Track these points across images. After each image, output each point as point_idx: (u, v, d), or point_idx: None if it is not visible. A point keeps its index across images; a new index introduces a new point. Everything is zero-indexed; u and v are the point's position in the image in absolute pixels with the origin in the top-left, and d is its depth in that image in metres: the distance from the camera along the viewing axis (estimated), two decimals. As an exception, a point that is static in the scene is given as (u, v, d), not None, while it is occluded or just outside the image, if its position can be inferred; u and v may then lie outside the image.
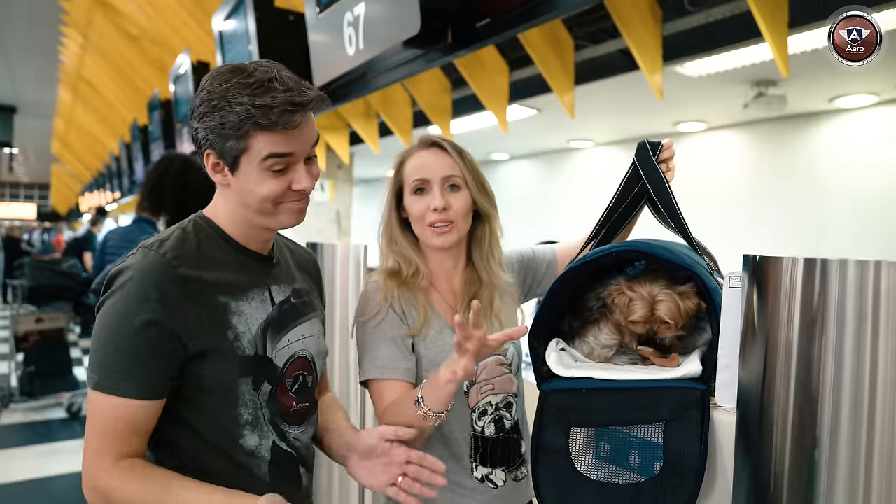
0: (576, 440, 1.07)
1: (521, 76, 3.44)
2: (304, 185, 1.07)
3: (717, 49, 2.96)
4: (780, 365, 0.81)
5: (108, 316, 1.01)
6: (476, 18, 2.13)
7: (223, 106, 1.01)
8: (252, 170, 1.04)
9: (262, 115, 1.00)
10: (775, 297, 0.82)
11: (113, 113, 8.96)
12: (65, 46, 8.15)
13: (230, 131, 1.01)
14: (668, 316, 1.02)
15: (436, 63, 2.46)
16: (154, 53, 6.30)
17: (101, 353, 1.01)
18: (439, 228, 1.28)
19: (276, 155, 1.03)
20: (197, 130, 1.07)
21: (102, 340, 1.01)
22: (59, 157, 16.32)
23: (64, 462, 4.31)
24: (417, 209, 1.29)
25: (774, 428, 0.82)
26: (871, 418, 0.75)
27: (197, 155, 1.11)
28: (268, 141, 1.02)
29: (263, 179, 1.04)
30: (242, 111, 1.00)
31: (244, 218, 1.10)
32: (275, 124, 1.00)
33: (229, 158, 1.04)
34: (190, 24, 4.98)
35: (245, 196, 1.07)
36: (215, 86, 1.04)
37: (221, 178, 1.08)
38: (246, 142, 1.02)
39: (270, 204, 1.06)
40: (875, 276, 0.74)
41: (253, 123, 1.00)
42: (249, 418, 1.08)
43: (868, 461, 0.75)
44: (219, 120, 1.02)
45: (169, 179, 2.37)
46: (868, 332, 0.75)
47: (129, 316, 0.99)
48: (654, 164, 1.15)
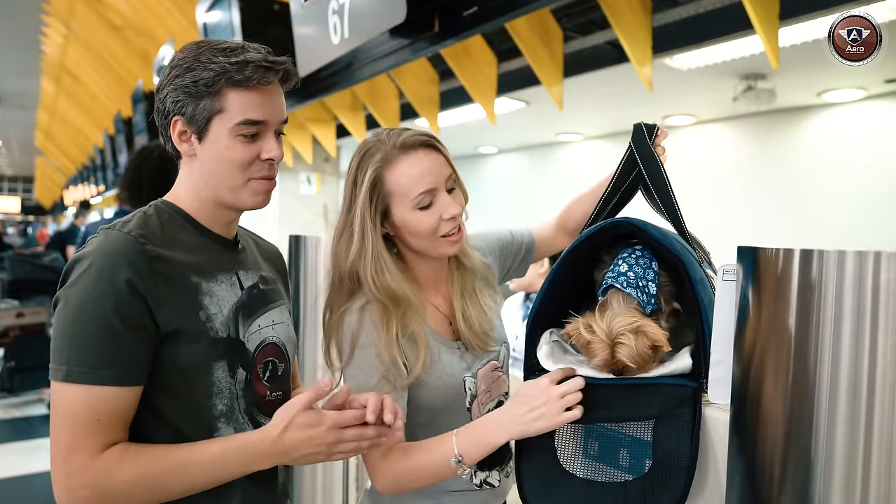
0: (562, 437, 1.04)
1: (510, 68, 3.41)
2: (273, 154, 1.04)
3: (707, 41, 2.94)
4: (775, 360, 0.79)
5: (73, 303, 0.94)
6: (463, 7, 2.09)
7: (195, 66, 1.00)
8: (222, 135, 1.02)
9: (238, 69, 0.99)
10: (770, 290, 0.79)
11: (97, 105, 8.84)
12: (47, 37, 8.03)
13: (203, 88, 1.00)
14: (629, 360, 0.96)
15: (422, 53, 2.43)
16: (138, 44, 6.21)
17: (68, 341, 0.93)
18: (454, 236, 1.15)
19: (249, 122, 1.01)
20: (164, 99, 1.04)
21: (68, 329, 0.94)
22: (43, 150, 16.12)
23: (44, 459, 4.20)
24: (429, 224, 1.12)
25: (769, 425, 0.79)
26: (868, 416, 0.72)
27: (161, 130, 1.08)
28: (242, 103, 1.01)
29: (233, 145, 1.02)
30: (217, 67, 0.99)
31: (208, 196, 1.06)
32: (249, 79, 0.99)
33: (200, 121, 1.02)
34: (174, 14, 4.91)
35: (212, 165, 1.04)
36: (186, 52, 1.03)
37: (187, 148, 1.05)
38: (220, 101, 1.00)
39: (239, 173, 1.03)
40: (875, 267, 0.72)
41: (227, 79, 0.99)
42: (224, 409, 1.03)
43: (866, 459, 0.73)
44: (191, 79, 1.00)
45: (148, 170, 2.32)
46: (867, 325, 0.72)
47: (98, 298, 0.93)
48: (651, 148, 1.11)
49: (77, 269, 0.96)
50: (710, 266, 1.11)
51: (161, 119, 1.07)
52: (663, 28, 2.71)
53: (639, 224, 1.02)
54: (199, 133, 1.03)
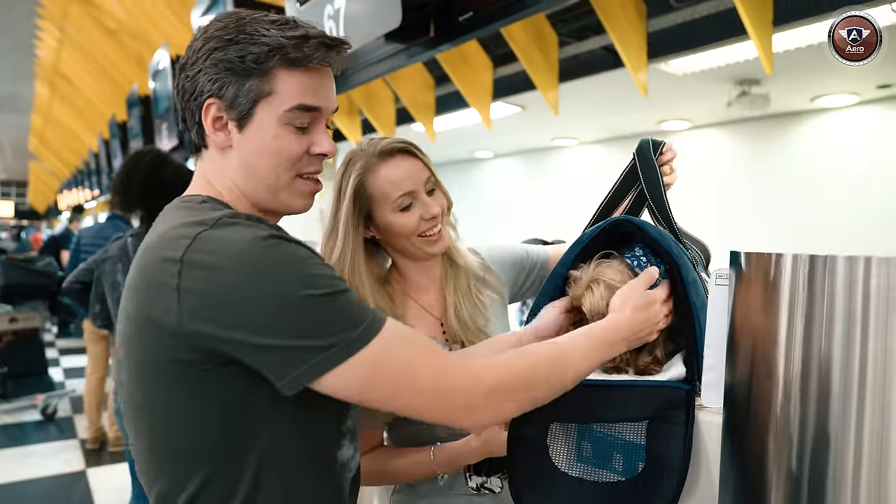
0: (555, 437, 1.05)
1: (505, 73, 3.42)
2: (326, 148, 0.91)
3: (701, 46, 2.96)
4: (767, 364, 0.79)
5: (273, 285, 0.77)
6: (459, 12, 2.10)
7: (241, 39, 0.85)
8: (270, 122, 0.87)
9: (295, 46, 0.84)
10: (762, 295, 0.79)
11: (91, 109, 8.81)
12: (41, 40, 8.00)
13: (253, 65, 0.84)
14: (587, 311, 1.01)
15: (418, 58, 2.43)
16: (133, 48, 6.19)
17: (315, 312, 0.77)
18: (434, 235, 1.22)
19: (304, 107, 0.87)
20: (195, 77, 0.87)
21: (300, 304, 0.77)
22: (37, 154, 16.06)
23: (36, 466, 4.22)
24: (409, 223, 1.19)
25: (761, 429, 0.80)
26: (859, 419, 0.72)
27: (183, 115, 0.92)
28: (297, 85, 0.86)
29: (283, 135, 0.87)
30: (270, 41, 0.84)
31: (247, 194, 0.91)
32: (309, 58, 0.85)
33: (243, 105, 0.86)
34: (169, 18, 4.90)
35: (253, 159, 0.89)
36: (225, 22, 0.87)
37: (223, 138, 0.89)
38: (270, 82, 0.85)
39: (285, 169, 0.89)
40: (865, 272, 0.72)
41: (283, 56, 0.84)
42: (351, 425, 0.97)
43: (856, 463, 0.73)
44: (237, 53, 0.84)
45: (139, 174, 2.30)
46: (857, 330, 0.72)
47: (301, 263, 0.80)
48: (653, 163, 1.13)
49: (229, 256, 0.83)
50: (704, 269, 1.11)
51: (186, 101, 0.90)
52: (658, 33, 2.73)
53: (638, 223, 1.05)
54: (239, 119, 0.87)
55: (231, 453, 0.83)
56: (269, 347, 0.77)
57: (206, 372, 0.80)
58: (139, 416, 0.87)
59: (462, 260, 1.31)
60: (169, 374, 0.82)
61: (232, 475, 0.83)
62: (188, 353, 0.80)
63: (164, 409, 0.84)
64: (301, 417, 0.86)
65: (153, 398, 0.85)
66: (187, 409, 0.82)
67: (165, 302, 0.79)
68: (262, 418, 0.84)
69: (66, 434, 4.88)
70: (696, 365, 0.95)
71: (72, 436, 4.83)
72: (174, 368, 0.81)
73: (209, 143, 0.91)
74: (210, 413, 0.82)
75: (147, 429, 0.87)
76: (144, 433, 0.87)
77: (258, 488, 0.84)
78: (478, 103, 3.29)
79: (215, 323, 0.77)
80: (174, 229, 0.83)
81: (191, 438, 0.83)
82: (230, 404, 0.82)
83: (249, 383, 0.81)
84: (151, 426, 0.86)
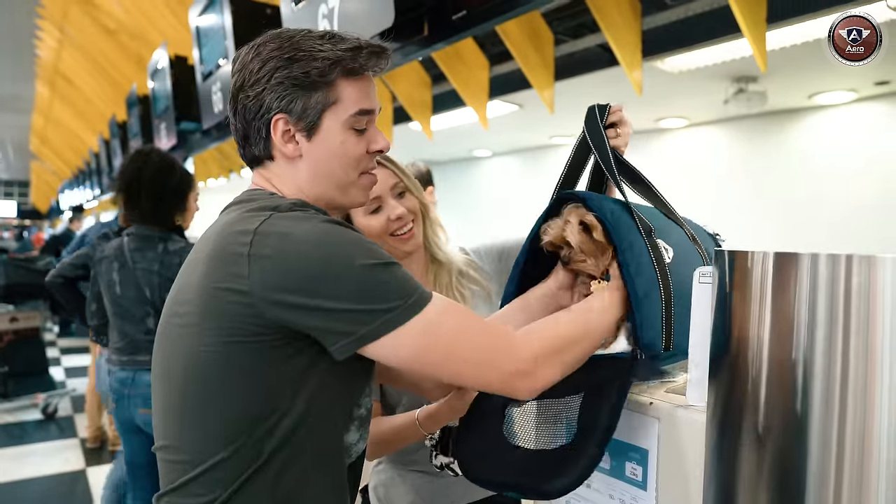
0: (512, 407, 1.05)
1: (502, 71, 3.42)
2: (381, 145, 1.00)
3: (697, 44, 2.96)
4: (750, 362, 0.79)
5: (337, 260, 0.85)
6: (452, 11, 2.10)
7: (301, 56, 0.93)
8: (336, 129, 0.96)
9: (352, 58, 0.93)
10: (746, 293, 0.80)
11: (91, 108, 8.82)
12: (41, 41, 8.01)
13: (318, 79, 0.93)
14: (551, 236, 1.03)
15: (413, 56, 2.43)
16: (132, 48, 6.20)
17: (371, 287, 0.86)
18: (404, 235, 1.34)
19: (364, 111, 0.96)
20: (260, 96, 0.95)
21: (359, 278, 0.85)
22: (38, 154, 16.08)
23: (37, 465, 4.23)
24: (377, 225, 1.32)
25: (745, 427, 0.80)
26: (841, 418, 0.73)
27: (248, 133, 0.99)
28: (357, 92, 0.95)
29: (348, 139, 0.97)
30: (329, 55, 0.93)
31: (315, 195, 0.99)
32: (363, 67, 0.95)
33: (312, 117, 0.95)
34: (168, 18, 4.90)
35: (324, 164, 0.97)
36: (279, 43, 0.95)
37: (293, 149, 0.97)
38: (335, 93, 0.94)
39: (353, 169, 0.98)
40: (846, 270, 0.72)
41: (342, 68, 0.93)
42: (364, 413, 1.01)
43: (839, 461, 0.73)
44: (300, 69, 0.93)
45: (149, 173, 2.31)
46: (839, 328, 0.73)
47: (356, 244, 0.88)
48: (599, 129, 1.12)
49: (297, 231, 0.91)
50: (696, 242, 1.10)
51: (251, 120, 0.97)
52: (653, 31, 2.73)
53: (581, 194, 1.05)
54: (309, 130, 0.96)
55: (256, 427, 0.88)
56: (334, 311, 0.84)
57: (262, 344, 0.86)
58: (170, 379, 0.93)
59: (443, 255, 1.42)
60: (217, 343, 0.87)
61: (252, 448, 0.88)
62: (251, 323, 0.85)
63: (198, 379, 0.89)
64: (318, 399, 0.91)
65: (191, 370, 0.89)
66: (224, 384, 0.88)
67: (237, 269, 0.86)
68: (283, 399, 0.89)
69: (66, 433, 4.90)
70: (633, 334, 0.97)
71: (72, 435, 4.85)
72: (233, 339, 0.86)
73: (276, 154, 0.99)
74: (251, 386, 0.88)
75: (178, 392, 0.91)
76: (174, 395, 0.92)
77: (269, 462, 0.89)
78: (474, 102, 3.29)
79: (282, 288, 0.84)
80: (249, 212, 0.92)
81: (222, 409, 0.89)
82: (273, 379, 0.88)
83: (286, 366, 0.88)
84: (184, 391, 0.91)
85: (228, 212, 0.97)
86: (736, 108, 4.54)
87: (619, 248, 0.97)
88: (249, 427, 0.88)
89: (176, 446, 0.92)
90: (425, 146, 4.86)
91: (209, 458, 0.88)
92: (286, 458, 0.90)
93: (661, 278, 0.98)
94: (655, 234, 1.02)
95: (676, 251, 1.03)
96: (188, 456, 0.90)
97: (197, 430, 0.90)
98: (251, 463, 0.88)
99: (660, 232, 1.03)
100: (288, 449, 0.90)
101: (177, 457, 0.92)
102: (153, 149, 2.47)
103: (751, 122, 5.62)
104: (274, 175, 1.00)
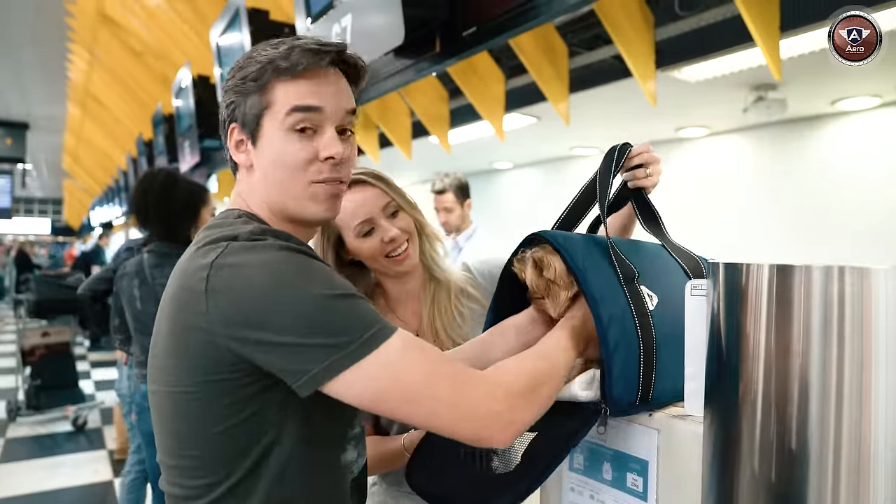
0: None
1: (518, 84, 3.44)
2: (332, 151, 0.91)
3: (710, 54, 2.95)
4: (745, 373, 0.79)
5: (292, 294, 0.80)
6: (463, 27, 2.13)
7: (245, 63, 0.93)
8: (275, 132, 0.91)
9: (283, 57, 0.89)
10: (740, 305, 0.80)
11: (120, 128, 9.04)
12: (72, 63, 8.25)
13: (251, 83, 0.91)
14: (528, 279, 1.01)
15: (425, 72, 2.46)
16: (157, 68, 6.36)
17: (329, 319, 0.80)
18: (399, 256, 1.29)
19: (300, 108, 0.90)
20: (223, 107, 0.96)
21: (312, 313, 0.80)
22: (70, 173, 16.49)
23: (67, 476, 4.32)
24: (370, 248, 1.28)
25: (742, 439, 0.80)
26: (837, 429, 0.73)
27: (223, 141, 0.99)
28: (291, 92, 0.90)
29: (288, 141, 0.91)
30: (263, 60, 0.91)
31: (274, 207, 0.95)
32: (296, 65, 0.89)
33: (251, 123, 0.92)
34: (191, 38, 5.02)
35: (270, 172, 0.92)
36: (243, 54, 0.97)
37: (245, 158, 0.95)
38: (267, 95, 0.91)
39: (298, 177, 0.91)
40: (839, 281, 0.73)
41: (274, 69, 0.90)
42: (359, 431, 1.00)
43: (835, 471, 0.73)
44: (240, 76, 0.92)
45: (153, 194, 2.39)
46: (834, 339, 0.73)
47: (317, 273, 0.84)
48: (609, 170, 1.10)
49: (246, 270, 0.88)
50: None
51: (221, 131, 0.99)
52: (666, 42, 2.73)
53: (545, 235, 1.00)
54: (252, 136, 0.93)
55: (241, 459, 0.87)
56: (285, 346, 0.79)
57: (235, 381, 0.83)
58: (162, 421, 0.92)
59: (441, 274, 1.37)
60: (194, 384, 0.85)
61: (238, 479, 0.87)
62: (217, 360, 0.82)
63: (185, 417, 0.88)
64: (308, 424, 0.89)
65: (175, 406, 0.88)
66: (209, 418, 0.86)
67: (197, 306, 0.82)
68: (271, 426, 0.86)
69: (95, 445, 4.99)
70: (602, 380, 0.93)
71: (101, 446, 4.94)
72: (209, 377, 0.84)
73: (239, 165, 0.97)
74: (228, 422, 0.85)
75: (171, 434, 0.91)
76: (167, 437, 0.91)
77: (270, 494, 0.88)
78: (490, 115, 3.32)
79: (237, 324, 0.80)
80: (209, 242, 0.88)
81: (208, 447, 0.87)
82: (258, 413, 0.85)
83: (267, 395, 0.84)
84: (177, 433, 0.90)
85: (196, 241, 0.94)
86: (755, 116, 4.49)
87: (589, 299, 0.93)
88: (243, 460, 0.86)
89: (175, 482, 0.91)
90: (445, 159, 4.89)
91: (210, 493, 0.87)
92: (286, 485, 0.88)
93: (641, 328, 0.94)
94: (641, 279, 0.98)
95: (666, 296, 0.99)
96: (189, 492, 0.89)
97: (193, 469, 0.88)
98: (250, 493, 0.87)
99: (649, 276, 1.00)
100: (287, 476, 0.88)
101: (179, 492, 0.91)
102: (161, 169, 2.56)
103: (773, 129, 5.55)
104: (242, 187, 0.98)
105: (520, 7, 1.94)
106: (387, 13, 2.08)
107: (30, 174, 17.88)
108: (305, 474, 0.90)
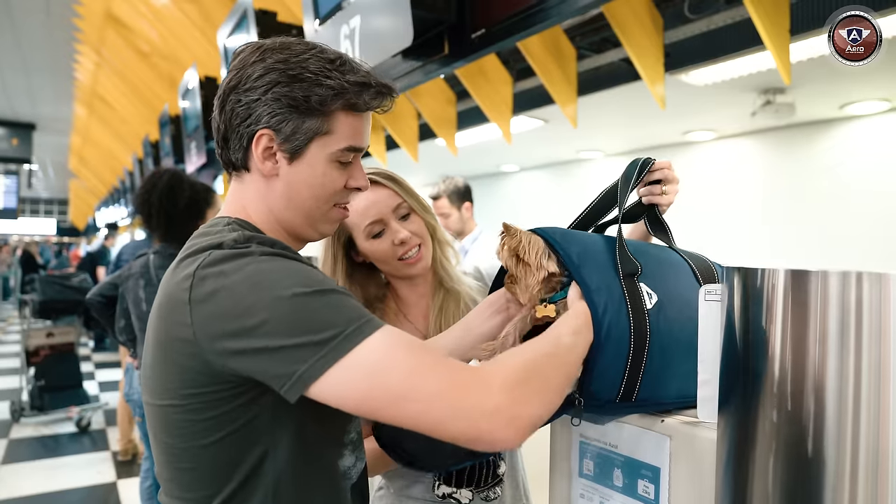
0: None
1: (526, 87, 3.43)
2: (360, 183, 0.96)
3: (720, 57, 2.93)
4: (760, 380, 0.78)
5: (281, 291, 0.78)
6: (472, 30, 2.12)
7: (307, 77, 0.88)
8: (320, 158, 0.91)
9: (357, 93, 0.89)
10: (756, 310, 0.79)
11: (126, 128, 9.08)
12: (80, 63, 8.29)
13: (317, 106, 0.88)
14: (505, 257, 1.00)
15: (434, 75, 2.46)
16: (164, 69, 6.38)
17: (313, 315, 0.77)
18: (412, 258, 1.26)
19: (353, 149, 0.93)
20: (251, 105, 0.89)
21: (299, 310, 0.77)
22: (76, 173, 16.56)
23: (71, 477, 4.32)
24: (382, 250, 1.25)
25: (756, 444, 0.79)
26: (854, 434, 0.72)
27: (228, 136, 0.93)
28: (352, 128, 0.91)
29: (330, 172, 0.92)
30: (334, 85, 0.88)
31: (284, 220, 0.95)
32: (367, 105, 0.91)
33: (300, 141, 0.90)
34: (198, 39, 5.04)
35: (298, 190, 0.92)
36: (286, 56, 0.89)
37: (270, 168, 0.92)
38: (329, 123, 0.90)
39: (326, 202, 0.94)
40: (857, 287, 0.71)
41: (344, 101, 0.89)
42: (355, 436, 0.98)
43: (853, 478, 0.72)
44: (303, 92, 0.88)
45: (157, 195, 2.39)
46: (851, 345, 0.72)
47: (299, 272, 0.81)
48: (624, 182, 1.08)
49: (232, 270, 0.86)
50: None
51: (236, 125, 0.92)
52: (675, 45, 2.72)
53: (539, 231, 0.99)
54: (293, 153, 0.91)
55: (235, 471, 0.86)
56: (268, 350, 0.76)
57: (213, 393, 0.82)
58: (153, 434, 0.91)
59: (450, 284, 1.33)
60: (181, 396, 0.83)
61: (232, 491, 0.86)
62: (202, 373, 0.81)
63: (175, 431, 0.87)
64: (301, 431, 0.88)
65: (165, 420, 0.87)
66: (198, 431, 0.84)
67: (181, 317, 0.81)
68: (263, 436, 0.85)
69: (98, 446, 5.00)
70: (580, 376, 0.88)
71: (104, 447, 4.94)
72: (196, 390, 0.82)
73: (252, 167, 0.94)
74: (219, 434, 0.84)
75: (163, 448, 0.90)
76: (162, 449, 0.90)
77: (252, 501, 0.86)
78: (498, 118, 3.31)
79: (221, 334, 0.78)
80: (194, 251, 0.87)
81: (200, 460, 0.86)
82: (239, 426, 0.84)
83: (256, 405, 0.83)
84: (169, 446, 0.89)
85: (184, 249, 0.92)
86: (763, 119, 4.47)
87: (582, 286, 0.90)
88: (237, 472, 0.85)
89: (173, 495, 0.91)
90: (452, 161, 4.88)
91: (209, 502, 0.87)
92: (283, 494, 0.87)
93: (634, 325, 0.90)
94: (642, 277, 0.95)
95: (668, 298, 0.96)
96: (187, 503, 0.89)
97: (188, 482, 0.87)
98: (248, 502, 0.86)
99: (651, 276, 0.96)
100: (283, 485, 0.87)
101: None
102: (167, 170, 2.55)
103: (782, 133, 5.53)
104: (248, 190, 0.96)
105: (528, 10, 1.94)
106: (395, 15, 2.08)
107: (36, 174, 17.98)
108: (302, 482, 0.88)
